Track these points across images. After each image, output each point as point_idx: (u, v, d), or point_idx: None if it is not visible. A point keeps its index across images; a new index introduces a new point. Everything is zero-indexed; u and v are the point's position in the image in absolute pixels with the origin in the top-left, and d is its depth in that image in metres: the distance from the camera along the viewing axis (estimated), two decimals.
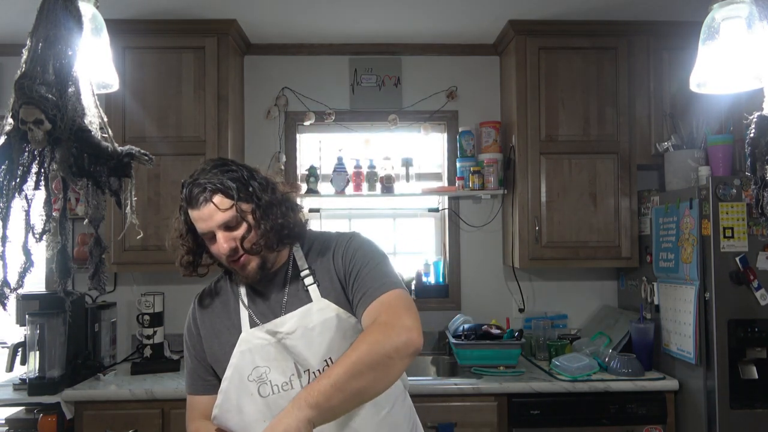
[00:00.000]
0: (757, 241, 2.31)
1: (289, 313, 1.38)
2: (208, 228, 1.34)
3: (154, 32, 2.79)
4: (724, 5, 1.24)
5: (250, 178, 1.38)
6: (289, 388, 1.35)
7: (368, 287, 1.31)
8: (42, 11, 1.00)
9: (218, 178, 1.34)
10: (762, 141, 1.11)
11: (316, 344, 1.34)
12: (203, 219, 1.33)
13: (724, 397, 2.28)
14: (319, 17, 2.81)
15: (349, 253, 1.40)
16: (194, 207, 1.34)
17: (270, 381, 1.35)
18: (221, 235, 1.34)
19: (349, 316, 1.37)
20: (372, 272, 1.34)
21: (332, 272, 1.40)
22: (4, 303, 1.00)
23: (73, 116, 0.98)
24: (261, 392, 1.36)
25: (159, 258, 2.77)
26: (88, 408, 2.44)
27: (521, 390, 2.48)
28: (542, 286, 3.20)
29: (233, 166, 1.39)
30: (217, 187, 1.33)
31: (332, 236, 1.48)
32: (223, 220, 1.32)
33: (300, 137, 3.25)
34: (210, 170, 1.36)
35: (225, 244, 1.33)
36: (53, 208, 1.03)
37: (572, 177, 2.85)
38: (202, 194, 1.32)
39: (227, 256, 1.35)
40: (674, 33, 2.83)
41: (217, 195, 1.32)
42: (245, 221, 1.34)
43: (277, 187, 1.42)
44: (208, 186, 1.33)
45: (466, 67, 3.22)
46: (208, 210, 1.32)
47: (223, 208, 1.32)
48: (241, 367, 1.37)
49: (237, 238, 1.34)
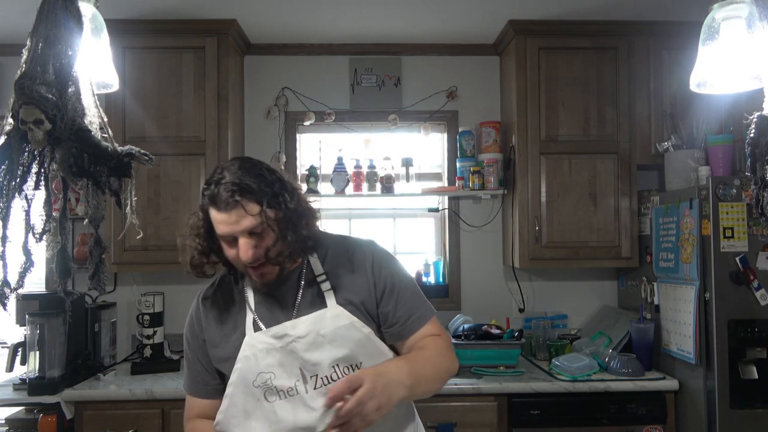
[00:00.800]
0: (757, 241, 2.31)
1: (302, 317, 1.36)
2: (230, 232, 1.28)
3: (154, 32, 2.79)
4: (724, 5, 1.24)
5: (279, 185, 1.33)
6: (294, 393, 1.33)
7: (413, 312, 1.41)
8: (42, 11, 1.00)
9: (248, 180, 1.27)
10: (762, 141, 1.11)
11: (327, 350, 1.33)
12: (228, 222, 1.27)
13: (724, 397, 2.28)
14: (319, 17, 2.82)
15: (378, 269, 1.42)
16: (220, 209, 1.27)
17: (275, 387, 1.33)
18: (245, 242, 1.28)
19: (362, 326, 1.36)
20: (413, 297, 1.44)
21: (355, 282, 1.40)
22: (4, 303, 1.00)
23: (73, 116, 0.98)
24: (268, 398, 1.34)
25: (159, 258, 2.77)
26: (88, 408, 2.44)
27: (521, 390, 2.48)
28: (542, 286, 3.20)
29: (263, 170, 1.33)
30: (247, 191, 1.26)
31: (350, 243, 1.48)
32: (249, 226, 1.27)
33: (300, 137, 3.25)
34: (238, 171, 1.29)
35: (249, 251, 1.28)
36: (53, 208, 1.03)
37: (572, 177, 2.85)
38: (231, 197, 1.25)
39: (248, 263, 1.31)
40: (674, 33, 2.83)
41: (247, 199, 1.26)
42: (271, 229, 1.29)
43: (302, 196, 1.39)
44: (237, 188, 1.26)
45: (466, 67, 3.22)
46: (235, 214, 1.26)
47: (252, 213, 1.26)
48: (246, 373, 1.35)
49: (261, 246, 1.30)
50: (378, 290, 1.41)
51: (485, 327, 2.75)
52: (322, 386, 1.33)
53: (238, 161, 1.33)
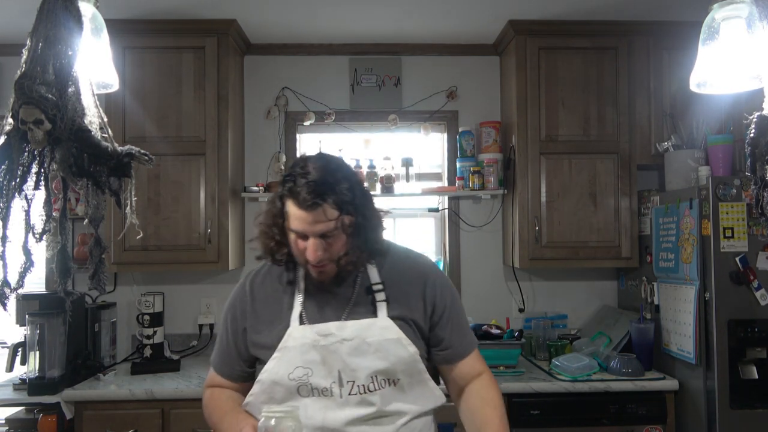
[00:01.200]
0: (757, 241, 2.31)
1: (351, 321, 1.36)
2: (303, 230, 1.29)
3: (154, 32, 2.79)
4: (724, 5, 1.24)
5: (359, 191, 1.33)
6: (328, 395, 1.33)
7: (463, 340, 1.47)
8: (42, 11, 1.00)
9: (333, 183, 1.28)
10: (762, 141, 1.11)
11: (369, 360, 1.33)
12: (304, 221, 1.27)
13: (724, 397, 2.28)
14: (319, 17, 2.81)
15: (439, 292, 1.45)
16: (300, 206, 1.27)
17: (310, 384, 1.34)
18: (315, 243, 1.29)
19: (409, 344, 1.36)
20: (465, 325, 1.49)
21: (410, 298, 1.41)
22: (4, 303, 1.00)
23: (73, 116, 0.98)
24: (300, 392, 1.35)
25: (159, 258, 2.77)
26: (88, 408, 2.44)
27: (521, 390, 2.48)
28: (542, 286, 3.20)
29: (347, 174, 1.34)
30: (330, 194, 1.26)
31: (411, 258, 1.50)
32: (325, 229, 1.28)
33: (300, 137, 3.25)
34: (323, 170, 1.29)
35: (318, 252, 1.29)
36: (53, 208, 1.03)
37: (572, 177, 2.85)
38: (314, 198, 1.25)
39: (313, 262, 1.31)
40: (674, 33, 2.83)
41: (328, 203, 1.26)
42: (344, 234, 1.31)
43: (375, 204, 1.40)
44: (321, 190, 1.26)
45: (466, 67, 3.22)
46: (314, 215, 1.26)
47: (330, 218, 1.27)
48: (284, 363, 1.35)
49: (330, 250, 1.31)
50: (436, 313, 1.43)
51: (485, 327, 2.75)
52: (357, 393, 1.33)
53: (323, 159, 1.34)
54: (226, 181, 2.81)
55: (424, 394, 1.40)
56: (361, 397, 1.33)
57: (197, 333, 3.10)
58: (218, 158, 2.80)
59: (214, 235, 2.77)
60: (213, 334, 3.10)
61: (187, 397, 2.44)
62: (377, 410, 1.34)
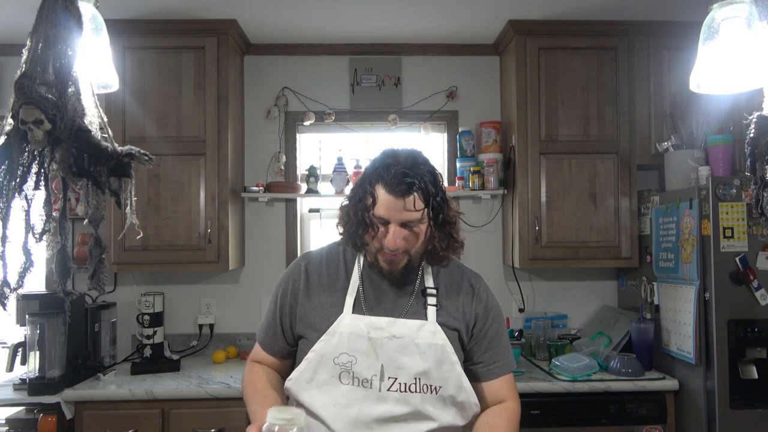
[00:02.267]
0: (756, 241, 2.31)
1: (402, 320, 1.39)
2: (388, 216, 1.32)
3: (154, 32, 2.79)
4: (724, 5, 1.24)
5: (440, 187, 1.36)
6: (368, 386, 1.35)
7: (498, 359, 1.45)
8: (42, 11, 1.00)
9: (422, 175, 1.31)
10: (762, 141, 1.11)
11: (414, 361, 1.36)
12: (392, 207, 1.31)
13: (724, 397, 2.28)
14: (319, 17, 2.82)
15: (486, 306, 1.47)
16: (391, 192, 1.30)
17: (353, 372, 1.36)
18: (396, 230, 1.32)
19: (452, 352, 1.39)
20: (503, 345, 1.47)
21: (458, 308, 1.44)
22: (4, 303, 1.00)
23: (73, 116, 0.98)
24: (342, 379, 1.36)
25: (159, 258, 2.77)
26: (88, 408, 2.44)
27: (521, 390, 2.45)
28: (542, 286, 3.20)
29: (432, 168, 1.37)
30: (420, 186, 1.30)
31: (463, 268, 1.52)
32: (410, 218, 1.31)
33: (300, 137, 3.25)
34: (414, 162, 1.33)
35: (397, 240, 1.32)
36: (53, 208, 1.03)
37: (572, 177, 2.85)
38: (407, 186, 1.29)
39: (390, 250, 1.33)
40: (674, 33, 2.83)
41: (417, 194, 1.30)
42: (422, 228, 1.34)
43: (450, 204, 1.41)
44: (414, 180, 1.30)
45: (466, 67, 3.22)
46: (403, 202, 1.30)
47: (417, 208, 1.31)
48: (332, 347, 1.37)
49: (408, 240, 1.34)
50: (478, 326, 1.45)
51: None
52: (397, 391, 1.35)
53: (412, 152, 1.37)
54: (226, 181, 2.81)
55: (460, 406, 1.41)
56: (400, 395, 1.35)
57: (197, 333, 3.11)
58: (218, 158, 2.80)
59: (214, 235, 2.77)
60: (213, 334, 3.10)
61: (187, 397, 2.44)
62: (412, 411, 1.35)
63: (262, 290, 3.12)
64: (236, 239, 2.97)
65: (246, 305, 3.12)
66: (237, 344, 3.05)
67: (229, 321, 3.13)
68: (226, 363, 2.90)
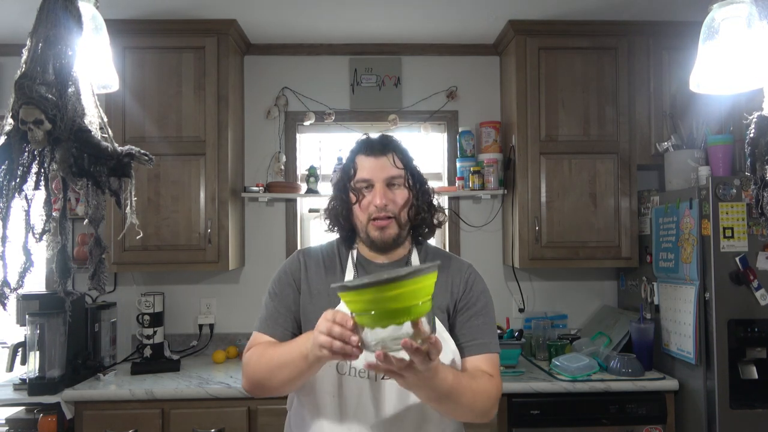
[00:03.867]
0: (757, 241, 2.31)
1: None
2: (371, 176, 1.40)
3: (154, 32, 2.79)
4: (724, 5, 1.24)
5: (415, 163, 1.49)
6: (365, 376, 1.36)
7: (477, 337, 1.43)
8: (42, 11, 1.00)
9: (398, 144, 1.46)
10: (762, 141, 1.11)
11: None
12: (373, 167, 1.40)
13: (724, 397, 2.28)
14: (319, 17, 2.82)
15: (476, 289, 1.47)
16: (370, 154, 1.42)
17: (350, 362, 1.36)
18: (381, 188, 1.40)
19: (443, 330, 1.40)
20: (486, 325, 1.45)
21: (446, 287, 1.44)
22: (4, 303, 1.00)
23: (73, 116, 0.98)
24: (339, 369, 1.37)
25: (159, 258, 2.77)
26: (88, 408, 2.44)
27: (521, 390, 2.48)
28: (542, 286, 3.20)
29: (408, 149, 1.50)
30: (397, 149, 1.44)
31: (451, 256, 1.56)
32: (392, 174, 1.41)
33: (300, 137, 3.25)
34: (389, 137, 1.48)
35: (382, 198, 1.39)
36: (53, 208, 1.03)
37: (572, 177, 2.85)
38: (384, 145, 1.43)
39: (377, 209, 1.39)
40: (674, 33, 2.83)
41: (396, 154, 1.43)
42: (407, 189, 1.43)
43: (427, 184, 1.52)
44: (389, 142, 1.44)
45: (466, 67, 3.22)
46: (383, 160, 1.41)
47: (398, 165, 1.42)
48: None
49: (394, 199, 1.41)
50: (461, 302, 1.45)
51: None
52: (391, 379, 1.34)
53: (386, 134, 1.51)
54: (226, 181, 2.81)
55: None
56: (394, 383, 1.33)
57: (197, 333, 3.11)
58: (218, 158, 2.80)
59: (214, 235, 2.77)
60: (213, 334, 3.10)
61: (187, 397, 2.44)
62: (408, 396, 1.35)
63: (262, 290, 3.09)
64: (236, 239, 2.97)
65: (246, 305, 3.12)
66: (237, 344, 3.05)
67: (229, 321, 3.13)
68: (226, 363, 2.90)
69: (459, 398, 1.25)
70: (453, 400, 1.24)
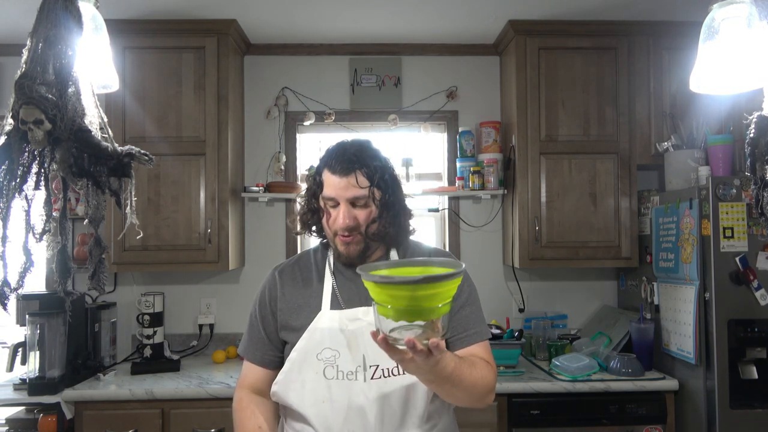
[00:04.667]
0: (757, 241, 2.31)
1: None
2: (336, 195, 1.39)
3: (154, 32, 2.79)
4: (724, 5, 1.24)
5: (388, 171, 1.45)
6: (353, 379, 1.36)
7: (469, 328, 1.43)
8: (42, 11, 1.00)
9: (365, 158, 1.40)
10: (762, 141, 1.11)
11: None
12: (337, 186, 1.39)
13: (724, 397, 2.28)
14: (319, 17, 2.82)
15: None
16: (334, 172, 1.39)
17: (337, 366, 1.37)
18: (345, 209, 1.39)
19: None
20: (475, 315, 1.46)
21: None
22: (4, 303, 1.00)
23: (73, 116, 0.98)
24: (326, 374, 1.38)
25: (159, 258, 2.77)
26: (88, 408, 2.44)
27: (521, 390, 2.48)
28: (542, 286, 3.20)
29: (380, 155, 1.45)
30: (363, 165, 1.39)
31: (431, 249, 1.58)
32: (355, 195, 1.38)
33: (300, 137, 3.25)
34: (359, 147, 1.43)
35: (345, 219, 1.38)
36: (53, 208, 1.03)
37: (572, 177, 2.85)
38: (348, 165, 1.38)
39: (341, 229, 1.39)
40: (674, 33, 2.83)
41: (360, 172, 1.38)
42: (373, 206, 1.41)
43: (404, 193, 1.50)
44: (355, 160, 1.39)
45: (466, 67, 3.22)
46: (346, 180, 1.38)
47: (361, 185, 1.38)
48: (313, 343, 1.39)
49: (358, 218, 1.39)
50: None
51: None
52: (381, 377, 1.36)
53: (359, 141, 1.47)
54: (226, 181, 2.81)
55: None
56: (384, 380, 1.36)
57: (197, 333, 3.11)
58: (218, 158, 2.80)
59: (214, 235, 2.77)
60: (213, 334, 3.10)
61: (187, 397, 2.44)
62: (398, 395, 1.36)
63: None
64: (236, 239, 2.97)
65: (246, 305, 3.09)
66: (237, 344, 3.04)
67: (229, 321, 3.13)
68: (226, 363, 2.90)
69: (459, 384, 1.26)
70: (453, 384, 1.25)
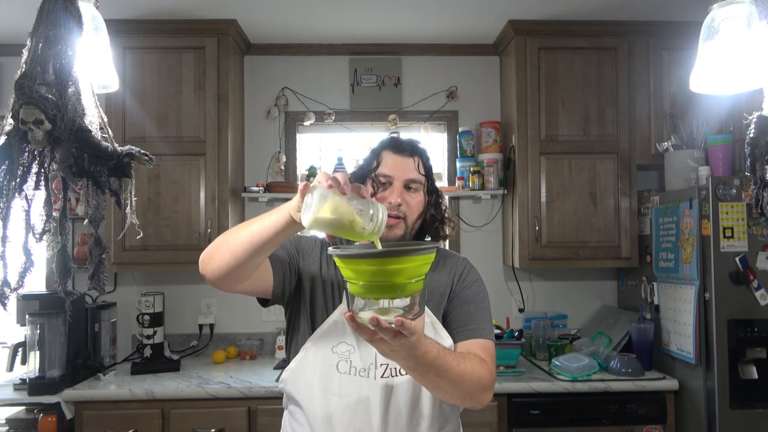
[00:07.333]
0: (756, 241, 2.31)
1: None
2: (394, 174, 1.41)
3: (154, 32, 2.79)
4: (724, 5, 1.24)
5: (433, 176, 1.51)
6: (365, 375, 1.36)
7: (476, 325, 1.42)
8: (42, 11, 1.00)
9: (423, 151, 1.48)
10: (762, 141, 1.11)
11: None
12: (398, 167, 1.42)
13: (724, 397, 2.28)
14: (319, 17, 2.82)
15: (468, 279, 1.49)
16: (397, 152, 1.44)
17: (351, 361, 1.37)
18: (399, 188, 1.41)
19: (441, 329, 1.40)
20: (479, 312, 1.45)
21: (443, 284, 1.45)
22: (4, 303, 1.00)
23: (73, 116, 0.98)
24: (339, 368, 1.38)
25: (159, 258, 2.77)
26: (88, 408, 2.44)
27: (521, 390, 2.48)
28: (542, 286, 3.20)
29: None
30: (423, 155, 1.47)
31: (448, 253, 1.58)
32: (413, 177, 1.42)
33: (300, 137, 3.25)
34: (416, 141, 1.50)
35: (398, 197, 1.40)
36: (53, 208, 1.03)
37: (572, 177, 2.85)
38: (411, 148, 1.45)
39: (390, 207, 1.39)
40: (674, 33, 2.83)
41: (421, 159, 1.45)
42: (423, 194, 1.45)
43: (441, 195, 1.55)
44: (417, 147, 1.46)
45: (466, 67, 3.22)
46: (409, 162, 1.43)
47: (420, 171, 1.44)
48: (330, 336, 1.39)
49: (408, 203, 1.41)
50: (455, 290, 1.46)
51: None
52: (389, 377, 1.36)
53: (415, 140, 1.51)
54: (226, 181, 2.81)
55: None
56: (392, 380, 1.36)
57: (197, 333, 3.11)
58: (218, 158, 2.80)
59: (214, 235, 2.77)
60: (213, 334, 3.10)
61: (187, 397, 2.44)
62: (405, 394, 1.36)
63: None
64: None
65: (246, 305, 3.12)
66: (237, 344, 3.05)
67: (229, 321, 3.13)
68: (226, 363, 2.90)
69: (444, 374, 1.20)
70: (437, 374, 1.19)
